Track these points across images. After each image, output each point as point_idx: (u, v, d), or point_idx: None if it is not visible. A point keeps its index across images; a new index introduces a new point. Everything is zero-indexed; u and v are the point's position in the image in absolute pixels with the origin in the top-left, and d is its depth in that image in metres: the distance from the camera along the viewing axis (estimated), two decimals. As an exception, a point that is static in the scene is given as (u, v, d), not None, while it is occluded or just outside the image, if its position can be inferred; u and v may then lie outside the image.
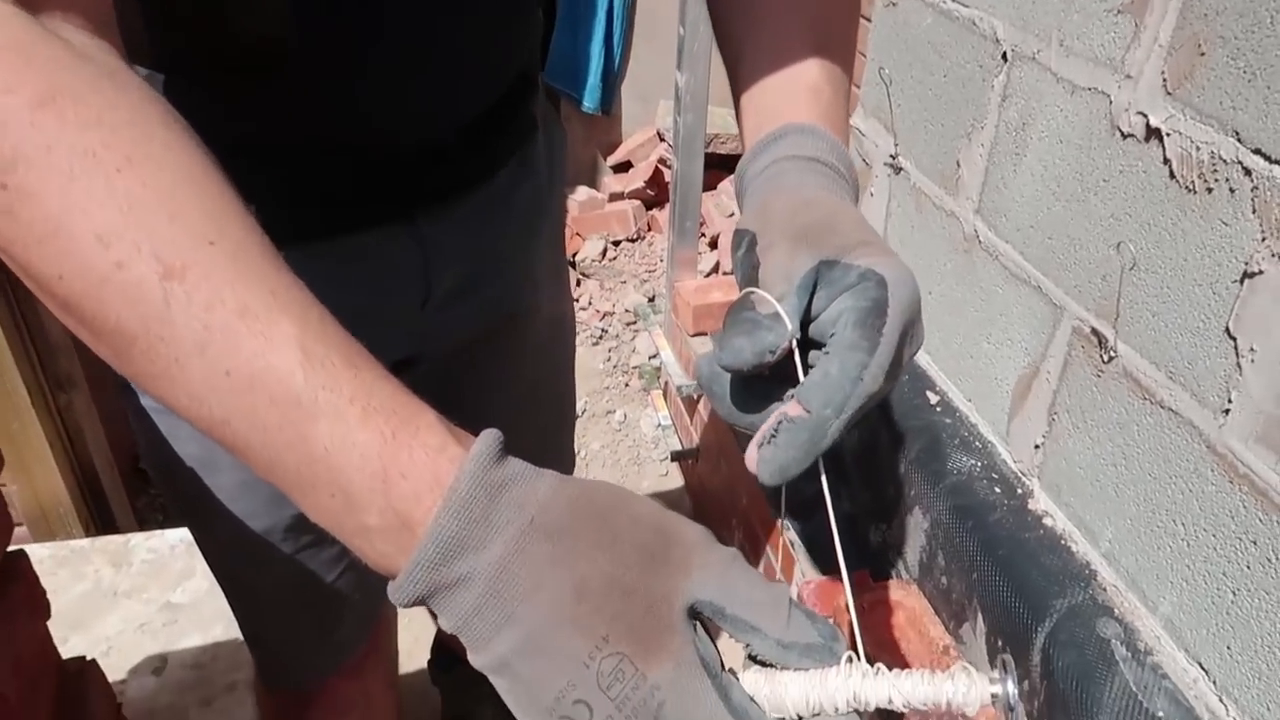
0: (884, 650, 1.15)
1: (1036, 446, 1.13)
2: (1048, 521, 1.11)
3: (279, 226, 0.44)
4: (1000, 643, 1.08)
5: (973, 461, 1.20)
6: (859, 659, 0.42)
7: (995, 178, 1.15)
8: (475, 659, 0.40)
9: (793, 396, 0.45)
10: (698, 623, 0.40)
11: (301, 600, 0.84)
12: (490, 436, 0.41)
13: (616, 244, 2.95)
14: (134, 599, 0.88)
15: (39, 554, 1.43)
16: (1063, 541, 1.08)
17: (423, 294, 0.80)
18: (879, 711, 0.43)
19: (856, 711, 0.42)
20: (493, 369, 0.96)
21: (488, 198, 0.80)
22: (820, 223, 0.49)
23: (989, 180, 1.16)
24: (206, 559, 0.85)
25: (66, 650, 1.30)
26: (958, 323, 1.26)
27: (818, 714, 0.42)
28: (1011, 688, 0.41)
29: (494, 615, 0.39)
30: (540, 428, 1.06)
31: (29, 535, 1.52)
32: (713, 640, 0.43)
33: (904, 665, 1.17)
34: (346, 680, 0.96)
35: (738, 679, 0.42)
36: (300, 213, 0.67)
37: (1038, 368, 1.11)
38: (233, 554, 0.84)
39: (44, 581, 1.40)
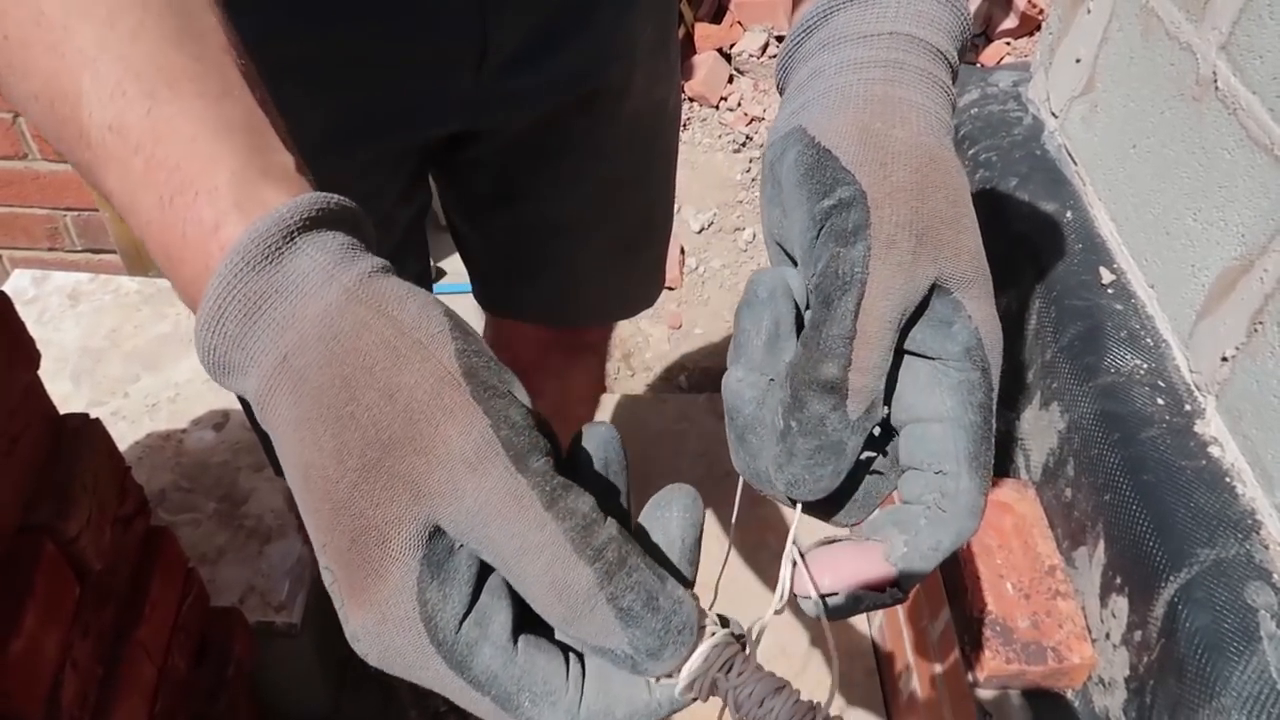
0: (980, 557, 1.00)
1: (1225, 359, 0.90)
2: (1214, 451, 0.90)
3: None
4: (1119, 580, 0.91)
5: (1137, 361, 0.99)
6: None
7: (1260, 4, 0.87)
8: None
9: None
10: (459, 545, 0.29)
11: None
12: (265, 221, 0.29)
13: (780, 39, 2.64)
14: (208, 350, 0.81)
15: (127, 286, 1.42)
16: (1228, 479, 0.88)
17: (477, 50, 0.65)
18: None
19: None
20: (566, 159, 0.80)
21: None
22: (947, 215, 0.34)
23: (1250, 7, 0.88)
24: None
25: (138, 389, 1.29)
26: (1162, 188, 1.01)
27: None
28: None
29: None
30: (618, 237, 0.91)
31: (122, 266, 1.52)
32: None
33: (1000, 577, 1.02)
34: None
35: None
36: None
37: (1253, 261, 0.87)
38: None
39: (126, 315, 1.39)
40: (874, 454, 0.37)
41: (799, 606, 0.37)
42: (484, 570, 0.29)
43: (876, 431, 0.36)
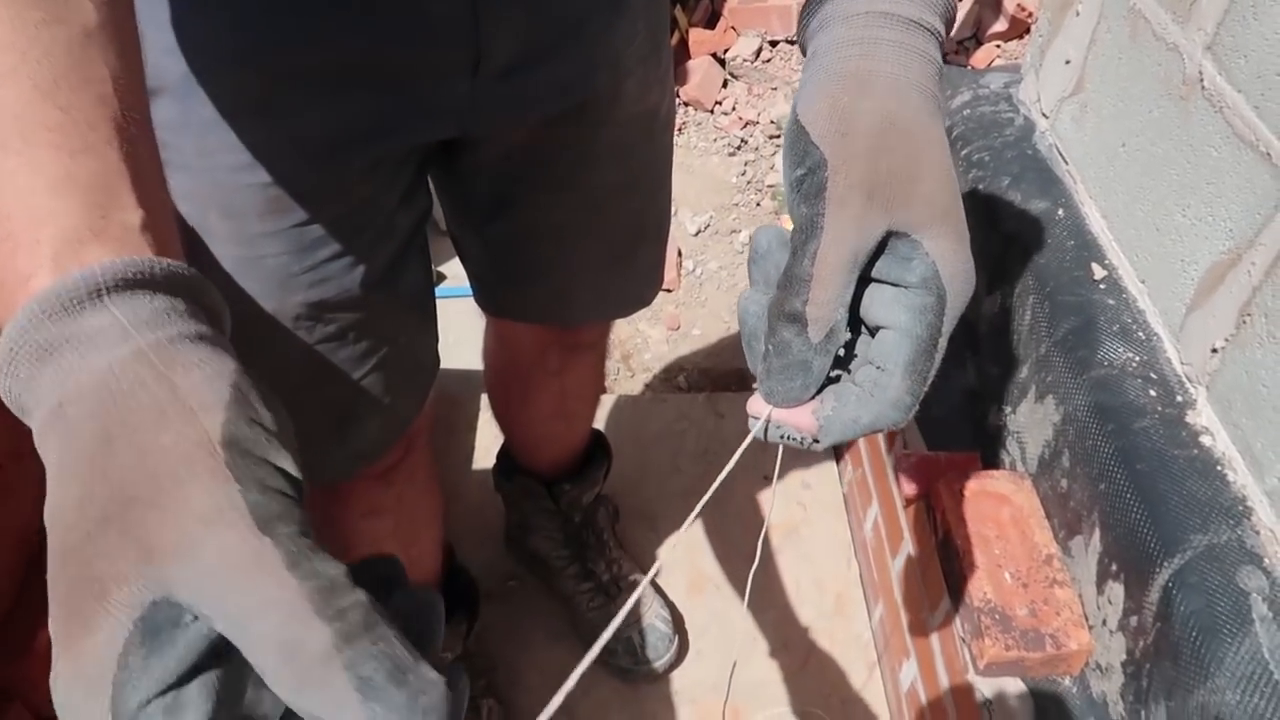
0: (979, 547, 1.02)
1: (1214, 350, 0.93)
2: (1205, 440, 0.93)
3: None
4: (1115, 568, 0.93)
5: (1130, 355, 1.01)
6: None
7: (1244, 5, 0.89)
8: None
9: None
10: (190, 617, 0.27)
11: (315, 396, 0.76)
12: (74, 276, 0.30)
13: (774, 44, 2.66)
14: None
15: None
16: (1219, 467, 0.90)
17: (471, 57, 0.67)
18: None
19: None
20: (561, 165, 0.82)
21: None
22: (903, 171, 0.41)
23: (1234, 7, 0.90)
24: None
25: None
26: (1151, 185, 1.04)
27: None
28: None
29: None
30: (614, 240, 0.93)
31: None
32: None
33: (998, 566, 1.04)
34: (376, 485, 0.91)
35: None
36: None
37: (1241, 255, 0.89)
38: (235, 330, 0.77)
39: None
40: (842, 373, 0.45)
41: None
42: (206, 663, 0.27)
43: (842, 352, 0.44)
